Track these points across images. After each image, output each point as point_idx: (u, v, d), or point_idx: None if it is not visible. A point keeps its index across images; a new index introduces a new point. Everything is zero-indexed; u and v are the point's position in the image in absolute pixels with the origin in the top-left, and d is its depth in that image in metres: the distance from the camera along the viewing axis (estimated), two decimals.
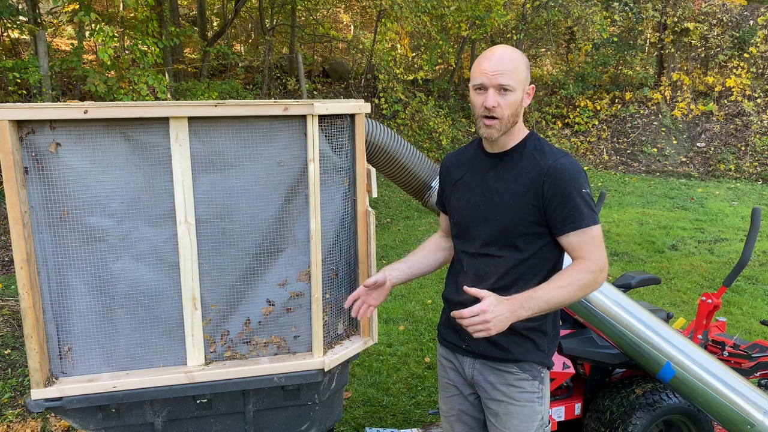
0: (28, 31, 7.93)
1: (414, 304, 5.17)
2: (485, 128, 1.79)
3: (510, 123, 1.79)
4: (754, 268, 6.14)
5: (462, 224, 1.91)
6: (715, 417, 2.39)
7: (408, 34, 12.01)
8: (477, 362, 1.92)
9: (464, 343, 1.93)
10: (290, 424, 2.18)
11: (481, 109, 1.78)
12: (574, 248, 1.76)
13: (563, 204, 1.75)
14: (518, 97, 1.78)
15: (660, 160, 11.56)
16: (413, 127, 10.61)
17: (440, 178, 2.05)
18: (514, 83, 1.75)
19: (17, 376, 3.79)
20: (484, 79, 1.75)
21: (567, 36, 13.39)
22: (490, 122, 1.78)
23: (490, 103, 1.75)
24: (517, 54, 1.79)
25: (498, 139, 1.83)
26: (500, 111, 1.76)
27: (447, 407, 2.06)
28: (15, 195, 1.79)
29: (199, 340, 2.05)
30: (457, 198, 1.94)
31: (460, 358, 1.97)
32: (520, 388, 1.86)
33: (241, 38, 14.69)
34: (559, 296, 1.69)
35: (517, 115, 1.81)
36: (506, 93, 1.75)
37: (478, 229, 1.86)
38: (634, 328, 2.45)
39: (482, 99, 1.77)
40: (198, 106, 1.90)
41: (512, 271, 1.82)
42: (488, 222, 1.84)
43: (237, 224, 2.02)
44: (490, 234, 1.83)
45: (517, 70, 1.76)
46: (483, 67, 1.76)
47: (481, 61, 1.79)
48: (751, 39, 11.90)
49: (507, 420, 1.86)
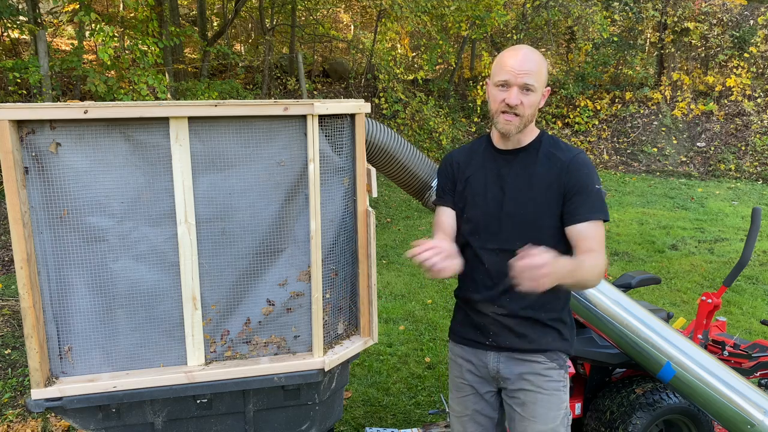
0: (28, 31, 7.93)
1: (414, 304, 5.17)
2: (504, 123, 1.83)
3: (528, 121, 1.85)
4: (754, 267, 6.14)
5: (480, 221, 1.91)
6: (715, 417, 2.39)
7: (408, 33, 12.01)
8: (502, 356, 1.93)
9: (488, 339, 1.94)
10: (290, 424, 2.18)
11: (502, 105, 1.81)
12: (582, 238, 1.78)
13: (579, 196, 1.81)
14: (538, 98, 1.83)
15: (660, 160, 11.56)
16: (413, 126, 10.61)
17: (446, 173, 2.04)
18: (537, 84, 1.80)
19: (17, 375, 3.79)
20: (510, 76, 1.79)
21: (567, 36, 13.39)
22: (510, 118, 1.81)
23: (513, 101, 1.78)
24: (540, 56, 1.84)
25: (513, 136, 1.87)
26: (522, 109, 1.80)
27: (460, 407, 2.05)
28: (15, 195, 1.79)
29: (200, 339, 2.05)
30: (471, 194, 1.94)
31: (481, 354, 1.97)
32: (548, 377, 1.89)
33: (241, 38, 14.69)
34: (585, 276, 1.71)
35: (534, 115, 1.86)
36: (529, 93, 1.80)
37: (500, 224, 1.87)
38: (635, 328, 2.45)
39: (505, 95, 1.80)
40: (198, 106, 1.90)
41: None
42: (511, 218, 1.86)
43: (237, 224, 2.02)
44: (514, 229, 1.85)
45: (540, 72, 1.81)
46: (509, 64, 1.79)
47: (506, 58, 1.81)
48: (752, 39, 11.89)
49: (534, 409, 1.88)
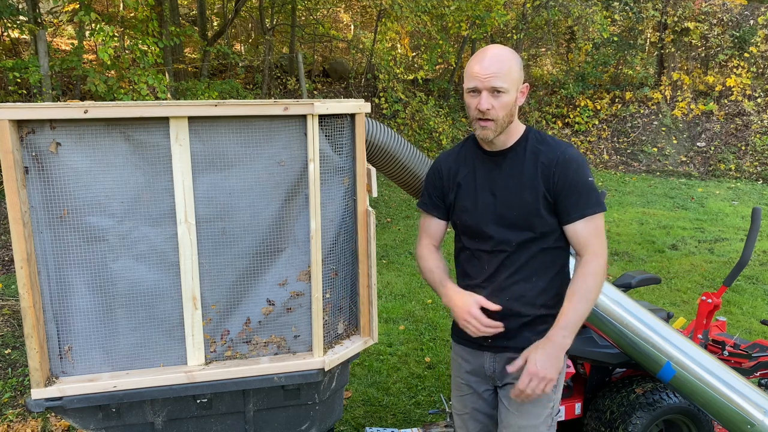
0: (28, 30, 7.93)
1: (414, 303, 5.17)
2: (481, 130, 1.81)
3: (505, 123, 1.81)
4: (754, 267, 6.13)
5: (473, 225, 1.91)
6: (715, 416, 2.39)
7: (408, 33, 12.01)
8: (498, 356, 1.95)
9: (486, 340, 1.95)
10: (290, 423, 2.18)
11: (476, 112, 1.79)
12: (579, 237, 1.82)
13: (571, 193, 1.80)
14: (512, 98, 1.78)
15: (660, 160, 11.56)
16: (413, 126, 10.61)
17: (440, 181, 2.00)
18: (507, 84, 1.75)
19: (17, 375, 3.79)
20: (477, 82, 1.76)
21: (567, 35, 13.39)
22: (485, 124, 1.79)
23: (483, 106, 1.75)
24: (509, 53, 1.78)
25: (495, 139, 1.85)
26: (494, 113, 1.77)
27: (460, 405, 2.09)
28: (15, 195, 1.79)
29: (200, 339, 2.05)
30: (465, 199, 1.93)
31: (478, 355, 1.99)
32: None
33: (242, 38, 14.69)
34: (585, 307, 1.76)
35: (512, 115, 1.82)
36: (500, 95, 1.76)
37: (495, 227, 1.87)
38: (635, 328, 2.45)
39: (476, 102, 1.78)
40: (198, 105, 1.90)
41: (531, 263, 1.86)
42: (503, 219, 1.86)
43: (237, 224, 2.02)
44: (506, 230, 1.86)
45: (509, 71, 1.75)
46: (475, 70, 1.76)
47: (472, 64, 1.78)
48: (752, 38, 11.89)
49: (520, 405, 1.90)
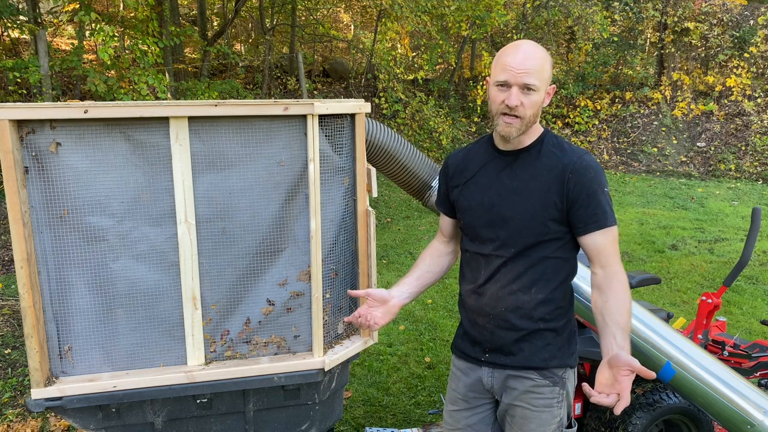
0: (28, 30, 7.93)
1: (414, 303, 5.17)
2: (504, 126, 1.71)
3: (530, 123, 1.73)
4: (754, 267, 6.13)
5: (475, 226, 1.83)
6: (715, 417, 2.39)
7: (408, 33, 12.00)
8: (496, 372, 1.87)
9: (483, 356, 1.88)
10: (290, 423, 2.18)
11: (502, 107, 1.69)
12: (597, 248, 1.72)
13: (588, 202, 1.70)
14: (541, 97, 1.71)
15: (660, 160, 11.56)
16: (413, 126, 10.61)
17: (445, 178, 1.96)
18: (539, 83, 1.68)
19: (17, 375, 3.79)
20: (509, 76, 1.67)
21: (567, 36, 13.39)
22: (510, 120, 1.70)
23: (513, 102, 1.67)
24: (543, 51, 1.71)
25: (514, 138, 1.76)
26: (523, 110, 1.68)
27: (452, 420, 1.99)
28: (15, 195, 1.79)
29: (200, 339, 2.05)
30: (468, 199, 1.85)
31: (476, 369, 1.91)
32: (539, 394, 1.82)
33: (242, 38, 14.69)
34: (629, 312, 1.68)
35: (538, 115, 1.74)
36: (530, 93, 1.68)
37: (495, 230, 1.79)
38: (634, 328, 2.44)
39: (504, 96, 1.69)
40: (198, 105, 1.90)
41: (531, 272, 1.77)
42: (506, 223, 1.77)
43: (237, 224, 2.02)
44: (508, 235, 1.77)
45: (542, 70, 1.68)
46: (508, 63, 1.67)
47: (505, 57, 1.69)
48: (752, 39, 11.89)
49: (524, 424, 1.83)
